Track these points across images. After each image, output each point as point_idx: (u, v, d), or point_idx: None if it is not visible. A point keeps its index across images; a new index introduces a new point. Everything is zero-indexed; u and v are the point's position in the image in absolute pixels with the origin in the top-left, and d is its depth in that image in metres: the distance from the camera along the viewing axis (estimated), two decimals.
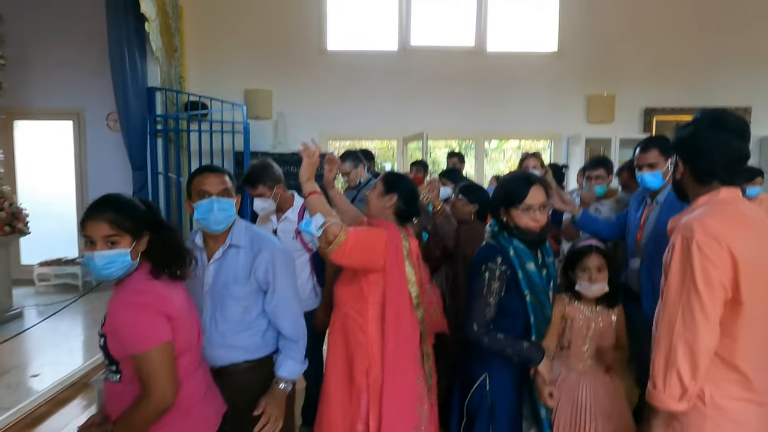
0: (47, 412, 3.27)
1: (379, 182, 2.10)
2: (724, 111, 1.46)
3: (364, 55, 6.27)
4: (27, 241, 5.40)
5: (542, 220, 1.79)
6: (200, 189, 1.73)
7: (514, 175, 1.91)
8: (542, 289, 1.84)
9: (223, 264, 1.80)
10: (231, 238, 1.80)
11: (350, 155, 3.67)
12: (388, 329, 1.92)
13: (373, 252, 1.91)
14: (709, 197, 1.43)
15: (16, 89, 5.65)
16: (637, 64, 6.27)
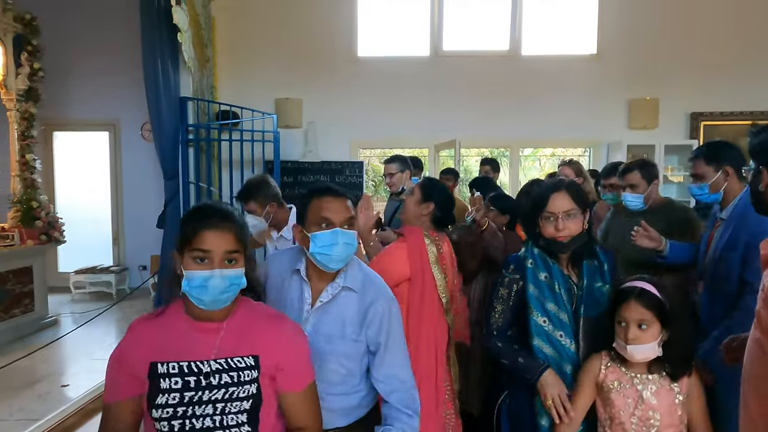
0: (76, 423, 3.25)
1: (416, 189, 2.18)
2: None
3: (395, 61, 6.18)
4: (64, 248, 5.49)
5: (567, 229, 1.61)
6: (322, 216, 1.43)
7: (540, 182, 1.87)
8: (558, 310, 1.63)
9: (329, 311, 1.47)
10: (345, 279, 1.48)
11: (399, 159, 3.56)
12: (410, 333, 1.95)
13: (396, 272, 2.02)
14: None
15: (54, 101, 5.78)
16: (682, 66, 5.96)
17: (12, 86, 4.77)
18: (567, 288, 1.65)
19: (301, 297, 1.49)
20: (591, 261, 1.68)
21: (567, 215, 1.60)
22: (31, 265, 4.83)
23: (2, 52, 4.69)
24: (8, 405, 3.26)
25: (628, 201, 2.53)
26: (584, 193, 1.72)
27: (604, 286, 1.66)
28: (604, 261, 1.70)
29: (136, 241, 6.54)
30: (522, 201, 1.74)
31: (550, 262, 1.66)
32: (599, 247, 1.75)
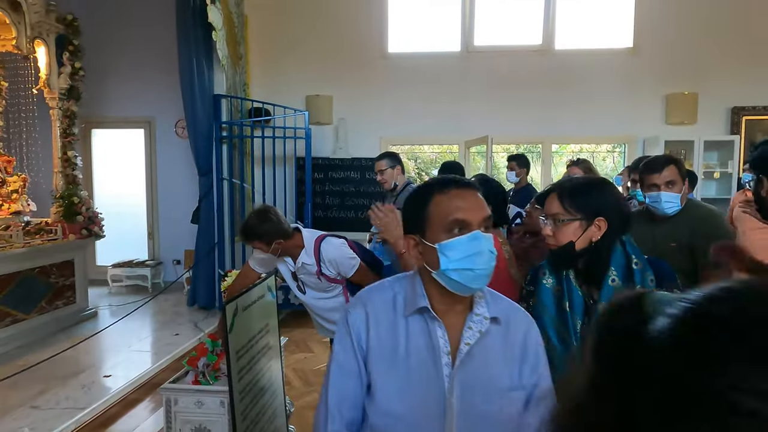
0: (117, 413, 3.35)
1: None
2: None
3: (426, 57, 6.14)
4: (101, 242, 5.66)
5: (553, 237, 1.41)
6: (455, 218, 1.04)
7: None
8: (565, 332, 1.38)
9: (475, 355, 1.06)
10: (488, 306, 1.11)
11: (388, 155, 3.54)
12: None
13: None
14: None
15: (92, 99, 5.94)
16: (722, 59, 5.76)
17: (55, 85, 4.92)
18: (582, 308, 1.37)
19: (430, 345, 1.07)
20: (616, 275, 1.38)
21: (554, 220, 1.40)
22: (72, 258, 5.00)
23: (45, 51, 4.84)
24: (55, 394, 3.39)
25: (666, 202, 2.13)
26: (595, 200, 1.41)
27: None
28: (638, 278, 1.36)
29: (170, 236, 6.69)
30: None
31: (563, 274, 1.41)
32: (644, 259, 1.40)
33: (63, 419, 3.03)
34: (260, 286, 2.40)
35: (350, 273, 2.41)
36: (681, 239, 2.07)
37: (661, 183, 2.14)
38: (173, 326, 4.94)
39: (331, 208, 6.09)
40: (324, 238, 2.44)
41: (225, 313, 2.01)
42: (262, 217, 2.33)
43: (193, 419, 2.29)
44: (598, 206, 1.39)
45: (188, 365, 2.31)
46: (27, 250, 4.44)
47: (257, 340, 2.35)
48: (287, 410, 2.78)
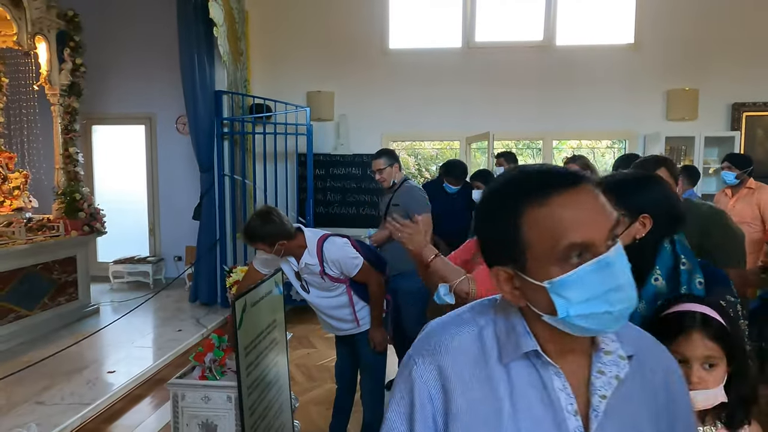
0: (122, 409, 3.37)
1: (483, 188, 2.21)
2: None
3: (427, 53, 6.14)
4: (102, 239, 5.66)
5: None
6: (571, 242, 0.68)
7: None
8: None
9: (617, 411, 0.75)
10: (618, 336, 0.79)
11: (385, 153, 3.44)
12: None
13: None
14: None
15: (93, 96, 5.93)
16: (723, 55, 5.76)
17: (56, 81, 4.92)
18: None
19: (547, 401, 0.75)
20: (660, 274, 1.31)
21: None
22: (75, 255, 5.01)
23: (46, 48, 4.83)
24: (60, 390, 3.40)
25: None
26: (633, 193, 1.33)
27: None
28: (684, 280, 1.30)
29: (172, 232, 6.69)
30: None
31: None
32: (695, 261, 1.33)
33: (68, 415, 3.04)
34: (268, 282, 2.42)
35: (353, 272, 2.42)
36: (689, 240, 2.00)
37: None
38: (176, 322, 4.95)
39: (333, 205, 6.10)
40: (327, 238, 2.45)
41: (234, 309, 2.03)
42: (264, 219, 2.32)
43: (200, 414, 2.30)
44: (642, 203, 1.31)
45: (195, 360, 2.33)
46: (29, 246, 4.44)
47: (265, 335, 2.37)
48: (292, 405, 2.80)
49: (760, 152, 5.73)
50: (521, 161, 6.35)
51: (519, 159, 4.82)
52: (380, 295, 2.49)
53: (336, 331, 2.66)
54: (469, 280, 1.80)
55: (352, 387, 2.84)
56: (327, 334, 4.60)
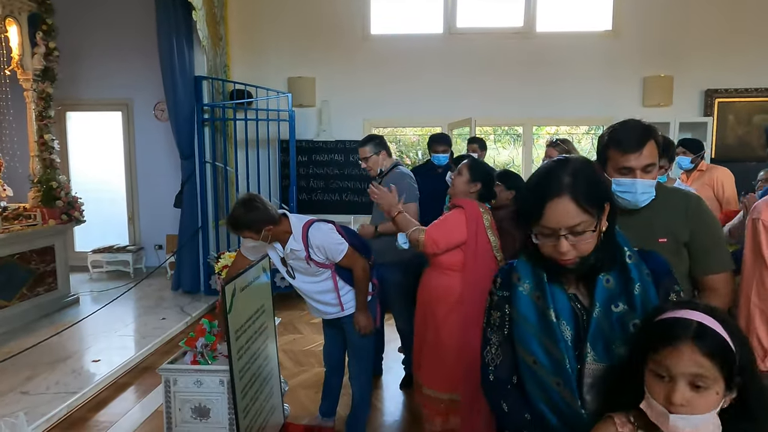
0: (109, 397, 3.36)
1: (465, 170, 2.51)
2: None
3: (408, 38, 6.13)
4: (79, 228, 5.57)
5: (575, 250, 1.07)
6: None
7: (536, 178, 1.15)
8: (554, 346, 1.11)
9: None
10: None
11: (371, 140, 3.33)
12: (466, 290, 2.32)
13: (453, 234, 2.35)
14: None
15: (67, 81, 5.77)
16: (698, 42, 5.90)
17: (28, 66, 4.77)
18: (570, 314, 1.13)
19: None
20: (610, 274, 1.12)
21: (573, 232, 1.05)
22: (53, 244, 4.91)
23: (17, 31, 4.68)
24: (45, 379, 3.37)
25: (642, 193, 1.58)
26: (602, 185, 1.13)
27: (631, 313, 1.09)
28: (636, 277, 1.11)
29: (151, 221, 6.60)
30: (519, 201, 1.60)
31: (544, 277, 1.14)
32: (635, 251, 1.15)
33: (55, 404, 3.02)
34: (256, 268, 2.44)
35: (338, 258, 2.45)
36: (674, 234, 1.64)
37: (638, 167, 1.56)
38: (159, 311, 4.92)
39: (316, 191, 6.09)
40: (312, 223, 2.45)
41: (224, 294, 2.05)
42: (248, 207, 2.32)
43: (193, 398, 2.32)
44: (606, 190, 1.14)
45: (186, 346, 2.34)
46: (5, 236, 4.34)
47: (254, 320, 2.39)
48: (282, 389, 2.83)
49: (731, 137, 5.92)
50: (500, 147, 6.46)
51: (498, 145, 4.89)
52: (365, 280, 2.52)
53: (322, 315, 2.69)
54: (419, 231, 2.35)
55: (340, 370, 2.88)
56: (313, 319, 4.65)
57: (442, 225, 2.38)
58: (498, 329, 1.22)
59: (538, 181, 1.12)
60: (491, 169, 2.61)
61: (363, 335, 2.59)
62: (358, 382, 2.69)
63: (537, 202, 1.07)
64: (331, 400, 2.89)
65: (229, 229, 2.45)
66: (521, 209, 1.19)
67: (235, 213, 2.33)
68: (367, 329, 2.57)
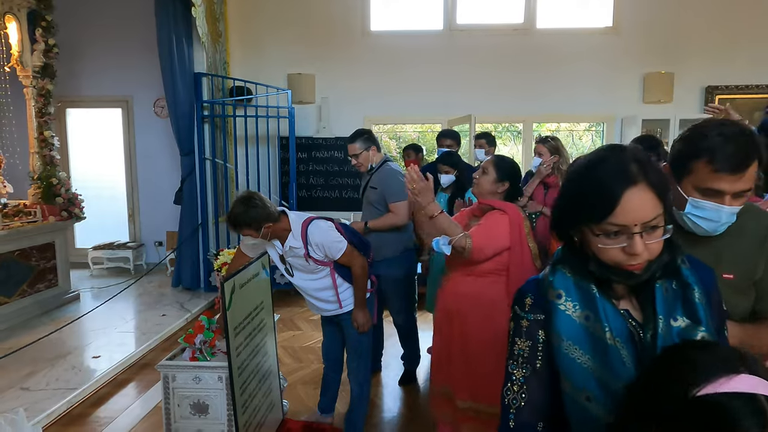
0: (109, 393, 3.37)
1: (491, 169, 2.29)
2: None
3: (408, 35, 6.11)
4: (80, 225, 5.58)
5: (648, 252, 0.88)
6: None
7: (593, 167, 0.93)
8: (611, 378, 0.90)
9: None
10: None
11: (360, 135, 3.19)
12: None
13: (499, 240, 2.18)
14: None
15: (67, 78, 5.78)
16: (699, 39, 5.89)
17: (28, 63, 4.77)
18: (627, 335, 0.93)
19: None
20: (667, 282, 0.95)
21: (650, 227, 0.88)
22: (53, 241, 4.92)
23: (17, 27, 4.68)
24: (45, 375, 3.38)
25: (725, 223, 1.25)
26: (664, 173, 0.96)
27: (694, 327, 0.91)
28: (693, 282, 0.94)
29: (152, 218, 6.61)
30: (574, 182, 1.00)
31: (595, 292, 0.95)
32: (686, 257, 0.98)
33: (55, 400, 3.04)
34: (255, 264, 2.44)
35: (337, 256, 2.45)
36: (746, 269, 1.31)
37: (730, 191, 1.21)
38: (159, 307, 4.93)
39: (316, 188, 6.09)
40: (311, 221, 2.45)
41: (223, 291, 2.05)
42: (247, 204, 2.31)
43: (191, 395, 2.33)
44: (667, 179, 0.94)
45: (185, 342, 2.35)
46: (6, 232, 4.35)
47: (253, 317, 2.40)
48: (281, 385, 2.84)
49: None
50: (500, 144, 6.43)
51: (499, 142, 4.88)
52: (363, 278, 2.52)
53: (321, 312, 2.70)
54: (466, 236, 2.11)
55: (338, 366, 2.89)
56: (312, 316, 4.66)
57: (487, 231, 2.19)
58: (526, 362, 1.00)
59: (602, 169, 0.90)
60: (518, 166, 2.40)
61: (361, 332, 2.60)
62: (357, 379, 2.69)
63: (608, 194, 0.87)
64: (329, 396, 2.90)
65: (228, 226, 2.44)
66: (567, 208, 0.97)
67: (235, 211, 2.32)
68: (365, 326, 2.58)
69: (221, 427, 2.33)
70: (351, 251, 2.47)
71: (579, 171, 0.95)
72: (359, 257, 2.50)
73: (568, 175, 1.00)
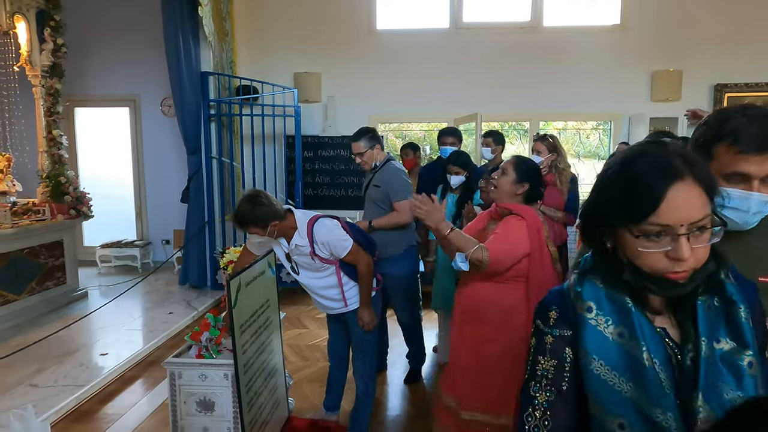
0: (116, 390, 3.40)
1: (510, 170, 2.21)
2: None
3: (414, 34, 6.10)
4: (88, 223, 5.61)
5: (694, 259, 0.79)
6: None
7: (635, 162, 0.83)
8: (650, 404, 0.80)
9: None
10: None
11: (364, 134, 3.17)
12: (534, 305, 2.07)
13: (518, 248, 2.09)
14: None
15: (75, 77, 5.82)
16: (707, 36, 5.83)
17: (36, 62, 4.81)
18: (664, 356, 0.83)
19: None
20: (709, 298, 0.85)
21: (698, 228, 0.79)
22: (61, 239, 4.96)
23: (26, 27, 4.71)
24: (53, 372, 3.41)
25: (756, 213, 1.13)
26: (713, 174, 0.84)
27: (740, 350, 0.82)
28: (738, 300, 0.85)
29: (159, 216, 6.65)
30: (613, 179, 0.87)
31: (630, 306, 0.85)
32: (730, 269, 0.88)
33: (63, 396, 3.06)
34: (261, 263, 2.45)
35: (343, 254, 2.45)
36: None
37: (758, 175, 1.11)
38: (166, 305, 4.96)
39: (321, 187, 6.10)
40: (317, 219, 2.45)
41: (229, 289, 2.06)
42: (253, 203, 2.31)
43: (197, 392, 2.34)
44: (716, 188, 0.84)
45: (191, 339, 2.36)
46: (15, 230, 4.39)
47: (259, 315, 2.41)
48: (287, 383, 2.85)
49: None
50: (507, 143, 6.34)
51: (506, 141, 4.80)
52: (369, 276, 2.52)
53: (327, 310, 2.70)
54: (481, 249, 2.04)
55: (344, 364, 2.90)
56: (318, 314, 4.67)
57: (504, 240, 2.10)
58: (550, 384, 0.89)
59: (643, 164, 0.81)
60: (538, 167, 2.33)
61: (367, 331, 2.60)
62: (362, 377, 2.70)
63: (651, 189, 0.78)
64: (335, 394, 2.91)
65: (235, 225, 2.45)
66: (602, 207, 0.87)
67: (241, 209, 2.32)
68: (370, 325, 2.58)
69: (227, 425, 2.34)
70: (356, 250, 2.47)
71: (615, 167, 0.85)
72: (365, 256, 2.51)
73: (602, 173, 0.89)
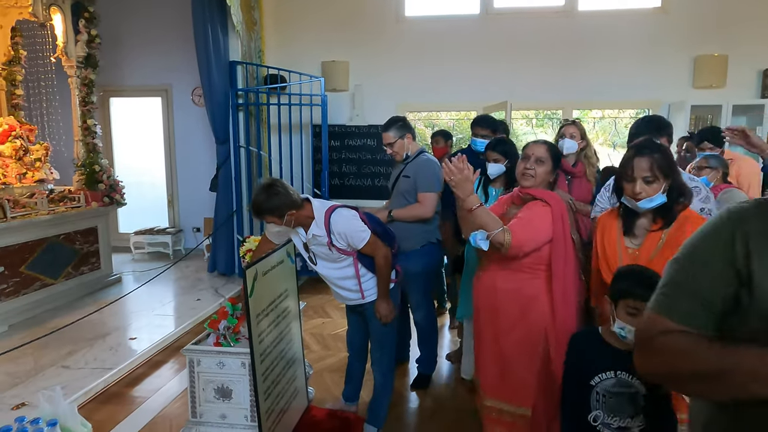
0: (144, 374, 3.48)
1: (548, 159, 2.18)
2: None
3: (443, 20, 5.98)
4: (122, 210, 5.77)
5: None
6: None
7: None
8: None
9: None
10: None
11: (394, 123, 3.08)
12: (557, 295, 2.07)
13: (540, 234, 2.06)
14: None
15: (109, 67, 5.95)
16: (754, 18, 5.48)
17: (72, 53, 4.93)
18: None
19: None
20: None
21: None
22: (96, 225, 5.11)
23: (61, 19, 4.83)
24: (84, 354, 3.52)
25: None
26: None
27: None
28: None
29: (190, 204, 6.78)
30: None
31: None
32: None
33: (92, 378, 3.16)
34: (279, 252, 2.44)
35: (360, 245, 2.40)
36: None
37: None
38: (195, 292, 5.06)
39: (348, 176, 6.08)
40: (334, 209, 2.41)
41: (245, 278, 2.05)
42: (269, 192, 2.29)
43: (216, 379, 2.37)
44: None
45: (210, 328, 2.38)
46: (52, 217, 4.54)
47: (277, 304, 2.40)
48: (306, 372, 2.85)
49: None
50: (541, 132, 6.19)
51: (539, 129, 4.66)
52: (386, 268, 2.48)
53: (344, 301, 2.68)
54: (505, 231, 1.98)
55: (362, 355, 2.87)
56: (341, 303, 4.67)
57: (528, 226, 2.05)
58: None
59: None
60: (560, 154, 2.33)
61: (384, 323, 2.56)
62: (380, 368, 2.67)
63: None
64: (354, 385, 2.89)
65: (252, 214, 2.44)
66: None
67: (257, 198, 2.31)
68: (388, 318, 2.54)
69: (244, 413, 2.35)
70: (374, 241, 2.43)
71: None
72: (383, 247, 2.46)
73: None
